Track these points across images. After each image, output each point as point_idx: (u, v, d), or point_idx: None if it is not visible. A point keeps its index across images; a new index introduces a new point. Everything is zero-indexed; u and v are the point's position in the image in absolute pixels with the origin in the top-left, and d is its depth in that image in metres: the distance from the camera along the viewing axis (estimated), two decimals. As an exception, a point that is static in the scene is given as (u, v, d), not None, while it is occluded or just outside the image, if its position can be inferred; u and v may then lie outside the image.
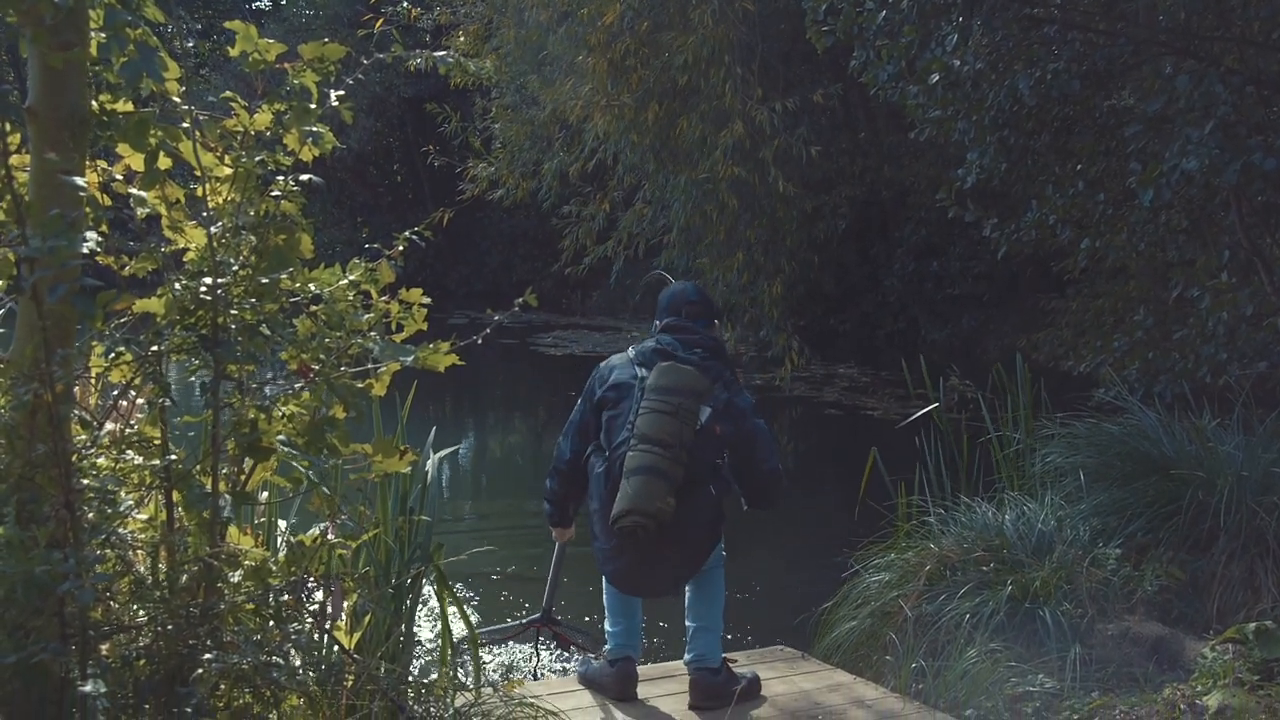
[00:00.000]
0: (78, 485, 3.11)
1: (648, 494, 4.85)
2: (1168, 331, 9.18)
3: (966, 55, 8.34)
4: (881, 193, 20.72)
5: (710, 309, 5.41)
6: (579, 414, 5.31)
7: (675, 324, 5.29)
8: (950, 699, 5.20)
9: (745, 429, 5.14)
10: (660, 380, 5.04)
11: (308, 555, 3.65)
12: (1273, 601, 5.71)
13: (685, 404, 4.98)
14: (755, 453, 5.18)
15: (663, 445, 4.90)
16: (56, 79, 3.26)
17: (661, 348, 5.19)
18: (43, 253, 2.90)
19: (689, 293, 5.41)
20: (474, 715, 4.13)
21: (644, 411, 4.99)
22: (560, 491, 5.43)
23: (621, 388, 5.16)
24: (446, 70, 4.00)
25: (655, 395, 5.00)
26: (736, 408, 5.13)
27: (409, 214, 28.63)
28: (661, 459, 4.89)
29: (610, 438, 5.11)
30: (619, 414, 5.12)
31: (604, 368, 5.32)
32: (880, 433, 13.57)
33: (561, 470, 5.36)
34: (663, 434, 4.92)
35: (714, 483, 5.07)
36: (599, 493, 5.10)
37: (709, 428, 5.02)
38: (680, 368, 5.07)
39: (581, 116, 16.20)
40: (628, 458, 4.94)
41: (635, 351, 5.27)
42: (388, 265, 3.80)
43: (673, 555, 5.07)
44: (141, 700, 3.19)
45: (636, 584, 5.22)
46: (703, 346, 5.20)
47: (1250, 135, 7.19)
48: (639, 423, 4.98)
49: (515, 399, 19.46)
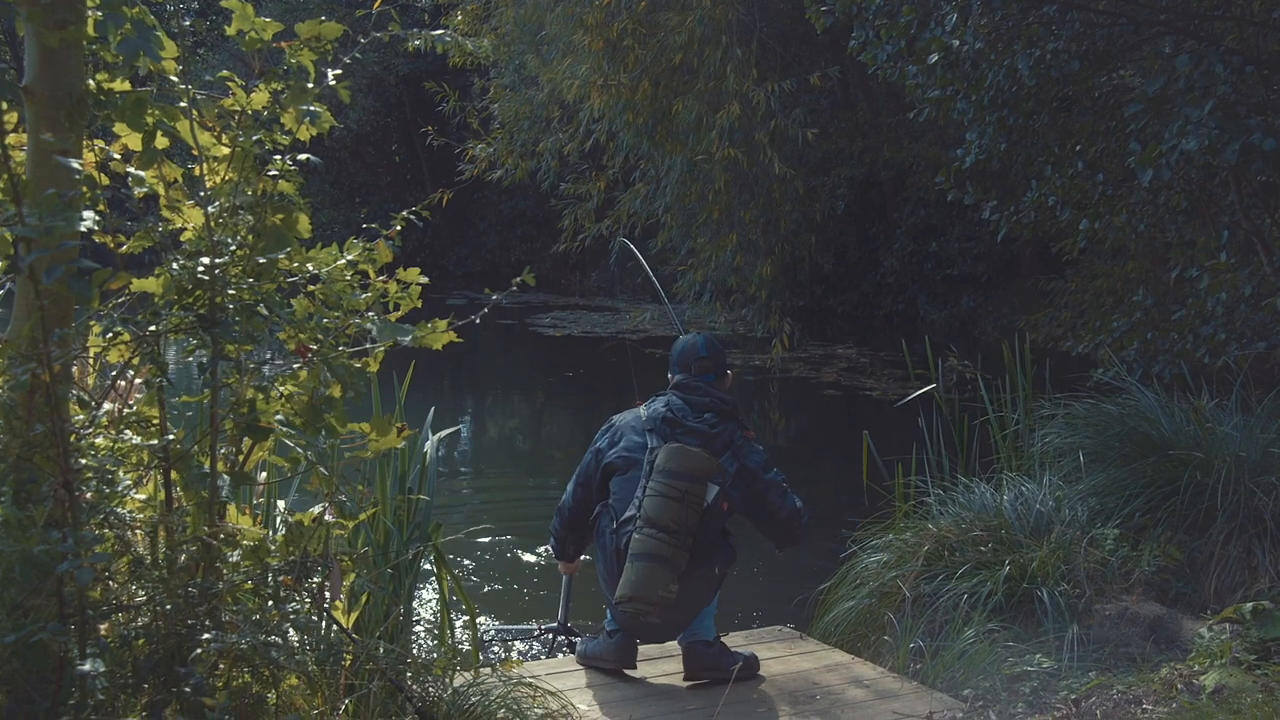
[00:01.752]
0: (76, 465, 3.11)
1: (650, 582, 4.95)
2: (1167, 312, 9.17)
3: (966, 35, 8.31)
4: (880, 173, 20.68)
5: (720, 362, 5.45)
6: (586, 467, 5.40)
7: (685, 382, 5.39)
8: (948, 679, 5.21)
9: (755, 491, 5.25)
10: (668, 464, 5.09)
11: (306, 535, 3.66)
12: (1270, 581, 5.71)
13: (692, 489, 5.05)
14: (767, 508, 5.28)
15: (668, 531, 4.99)
16: (53, 58, 3.25)
17: (672, 415, 5.26)
18: (39, 232, 2.90)
19: (699, 348, 5.45)
20: (473, 695, 4.14)
21: (651, 494, 5.07)
22: (563, 533, 5.56)
23: (630, 455, 5.26)
24: (444, 49, 3.99)
25: (662, 479, 5.07)
26: (747, 471, 5.23)
27: (407, 194, 28.57)
28: (665, 545, 4.97)
29: (619, 507, 5.21)
30: (627, 480, 5.22)
31: (617, 425, 5.41)
32: (879, 413, 13.58)
33: (566, 515, 5.49)
34: (668, 520, 4.99)
35: (718, 563, 5.19)
36: (606, 561, 5.22)
37: (716, 506, 5.13)
38: (688, 450, 5.12)
39: (578, 96, 16.16)
40: (633, 540, 5.03)
41: (647, 414, 5.34)
42: (385, 245, 3.80)
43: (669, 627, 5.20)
44: (140, 680, 3.20)
45: (639, 634, 5.30)
46: (712, 410, 5.28)
47: (1250, 115, 7.17)
48: (646, 505, 5.06)
49: (514, 380, 19.46)
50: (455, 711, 3.99)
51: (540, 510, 10.00)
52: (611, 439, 5.35)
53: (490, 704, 4.13)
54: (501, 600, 7.90)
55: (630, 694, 5.08)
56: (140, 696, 3.24)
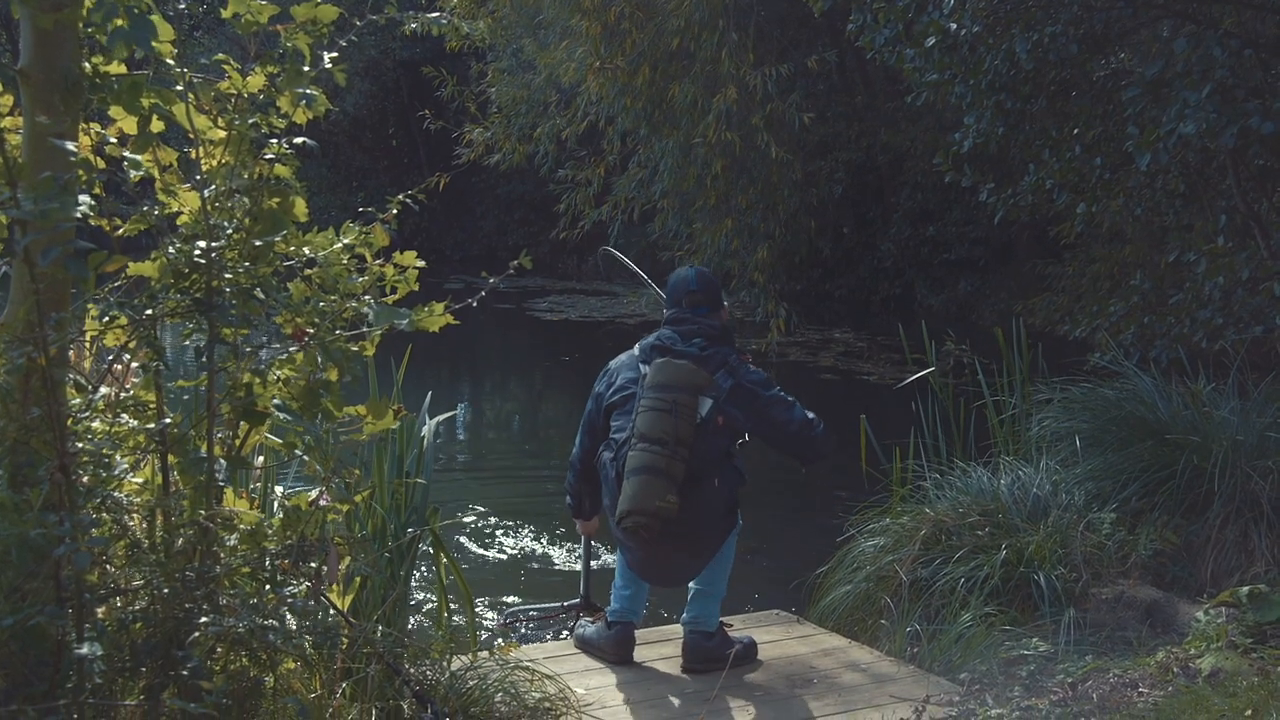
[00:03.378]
0: (73, 449, 3.11)
1: (646, 493, 4.90)
2: (1164, 296, 9.17)
3: (964, 18, 8.30)
4: (878, 157, 20.62)
5: (712, 295, 5.37)
6: (589, 414, 5.39)
7: (676, 315, 5.33)
8: (945, 662, 5.22)
9: (757, 408, 5.16)
10: (656, 377, 5.08)
11: (303, 519, 3.66)
12: (1266, 565, 5.72)
13: (682, 399, 5.01)
14: (774, 421, 5.19)
15: (660, 443, 4.95)
16: (48, 41, 3.24)
17: (660, 343, 5.23)
18: (35, 215, 2.89)
19: (690, 281, 5.38)
20: (470, 678, 4.15)
21: (642, 410, 5.04)
22: (576, 486, 5.53)
23: (626, 389, 5.22)
24: (440, 31, 3.98)
25: (652, 393, 5.05)
26: (744, 389, 5.15)
27: (405, 178, 28.48)
28: (659, 457, 4.93)
29: (618, 437, 5.17)
30: (625, 413, 5.19)
31: (612, 368, 5.38)
32: (876, 398, 13.58)
33: (577, 466, 5.47)
34: (659, 431, 4.96)
35: (719, 476, 5.10)
36: (610, 491, 5.18)
37: (711, 420, 5.07)
38: (675, 363, 5.10)
39: (575, 80, 16.12)
40: (628, 457, 5.01)
41: (639, 349, 5.31)
42: (382, 229, 3.80)
43: (681, 552, 5.14)
44: (138, 663, 3.20)
45: (650, 575, 5.29)
46: (703, 335, 5.22)
47: (1248, 99, 7.16)
48: (638, 421, 5.03)
49: (512, 364, 19.45)
50: (453, 695, 4.00)
51: (539, 493, 10.02)
52: (609, 381, 5.32)
53: (488, 687, 4.14)
54: (501, 584, 7.90)
55: (627, 678, 5.09)
56: (138, 680, 3.24)
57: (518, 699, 4.17)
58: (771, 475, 9.87)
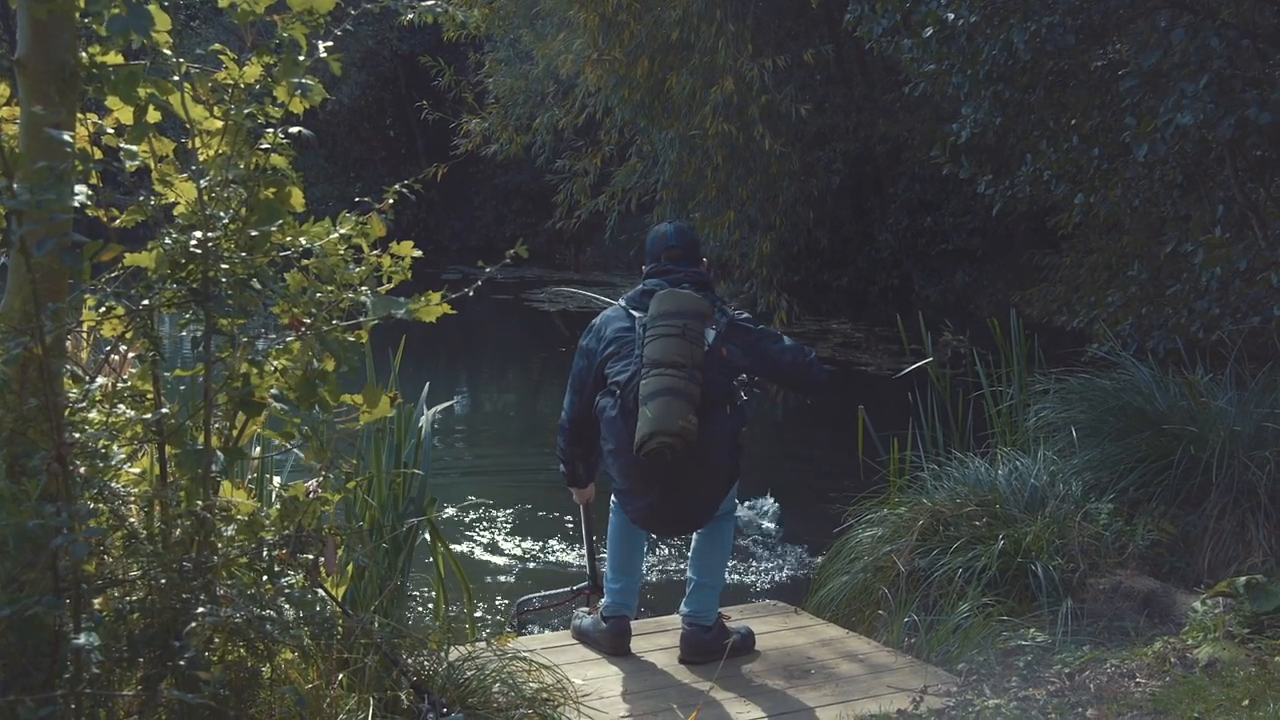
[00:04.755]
0: (70, 439, 3.11)
1: (670, 414, 4.80)
2: (1161, 286, 9.17)
3: (961, 8, 8.29)
4: (876, 148, 20.60)
5: (692, 249, 5.36)
6: (579, 371, 5.28)
7: (657, 269, 5.30)
8: (942, 653, 5.23)
9: (751, 342, 5.15)
10: (662, 306, 5.02)
11: (301, 509, 3.65)
12: (1263, 555, 5.72)
13: (691, 324, 4.96)
14: (768, 353, 5.18)
15: (675, 366, 4.87)
16: (44, 31, 3.24)
17: (650, 289, 5.19)
18: (31, 206, 2.89)
19: (669, 236, 5.36)
20: (468, 669, 4.15)
21: (650, 339, 4.96)
22: (570, 449, 5.42)
23: (622, 337, 5.14)
24: (433, 19, 3.97)
25: (660, 321, 4.98)
26: (737, 326, 5.13)
27: (402, 169, 28.41)
28: (677, 379, 4.85)
29: (620, 377, 5.06)
30: (620, 356, 5.11)
31: (600, 323, 5.29)
32: (874, 388, 13.58)
33: (567, 427, 5.36)
34: (674, 355, 4.89)
35: (730, 404, 5.05)
36: (615, 433, 5.05)
37: (716, 349, 5.02)
38: (678, 292, 5.08)
39: (573, 71, 16.09)
40: (641, 385, 4.90)
41: (626, 300, 5.26)
42: (378, 219, 3.79)
43: (696, 482, 5.04)
44: (135, 654, 3.20)
45: (659, 519, 5.22)
46: (690, 282, 5.19)
47: (1245, 89, 7.15)
48: (647, 350, 4.95)
49: (509, 355, 19.44)
50: (450, 685, 4.00)
51: (536, 482, 10.01)
52: (598, 335, 5.24)
53: (485, 678, 4.14)
54: (501, 574, 7.90)
55: (625, 668, 5.10)
56: (135, 670, 3.24)
57: (516, 689, 4.17)
58: (770, 469, 9.88)
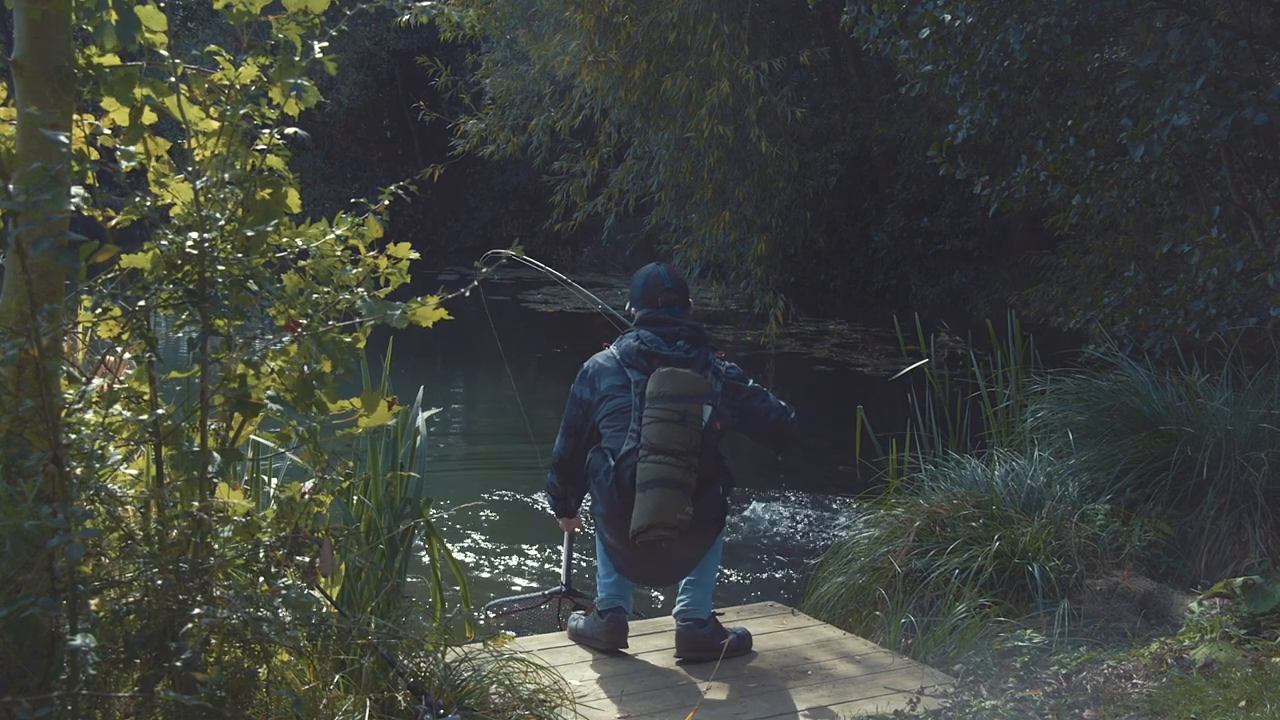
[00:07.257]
0: (66, 440, 3.10)
1: (669, 507, 4.92)
2: (1158, 287, 9.17)
3: (958, 9, 8.29)
4: (872, 149, 20.61)
5: (685, 293, 5.41)
6: (573, 417, 5.36)
7: (653, 315, 5.32)
8: (939, 654, 5.23)
9: (740, 401, 5.26)
10: (663, 388, 5.06)
11: (298, 511, 3.65)
12: (1260, 556, 5.72)
13: (690, 409, 5.02)
14: (755, 412, 5.29)
15: (674, 455, 4.96)
16: (40, 31, 3.23)
17: (646, 348, 5.21)
18: (27, 207, 2.89)
19: (664, 280, 5.38)
20: (465, 670, 4.15)
21: (650, 421, 5.02)
22: (561, 487, 5.54)
23: (617, 397, 5.20)
24: (428, 19, 3.97)
25: (660, 404, 5.03)
26: (730, 387, 5.24)
27: (399, 170, 28.41)
28: (676, 469, 4.94)
29: (615, 444, 5.15)
30: (616, 419, 5.18)
31: (591, 371, 5.35)
32: (870, 389, 13.58)
33: (559, 466, 5.47)
34: (674, 443, 4.96)
35: (722, 482, 5.18)
36: (608, 501, 5.14)
37: (711, 426, 5.10)
38: (679, 373, 5.10)
39: (570, 73, 16.08)
40: (639, 469, 4.99)
41: (620, 352, 5.28)
42: (375, 220, 3.79)
43: (687, 549, 5.15)
44: (132, 655, 3.20)
45: (647, 578, 5.36)
46: (685, 338, 5.24)
47: (1242, 90, 7.16)
48: (646, 433, 5.01)
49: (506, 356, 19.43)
50: (447, 686, 4.00)
51: (532, 483, 10.00)
52: (592, 386, 5.29)
53: (482, 679, 4.14)
54: (497, 574, 7.90)
55: (622, 669, 5.09)
56: (132, 671, 3.24)
57: (512, 690, 4.17)
58: (767, 468, 9.87)
